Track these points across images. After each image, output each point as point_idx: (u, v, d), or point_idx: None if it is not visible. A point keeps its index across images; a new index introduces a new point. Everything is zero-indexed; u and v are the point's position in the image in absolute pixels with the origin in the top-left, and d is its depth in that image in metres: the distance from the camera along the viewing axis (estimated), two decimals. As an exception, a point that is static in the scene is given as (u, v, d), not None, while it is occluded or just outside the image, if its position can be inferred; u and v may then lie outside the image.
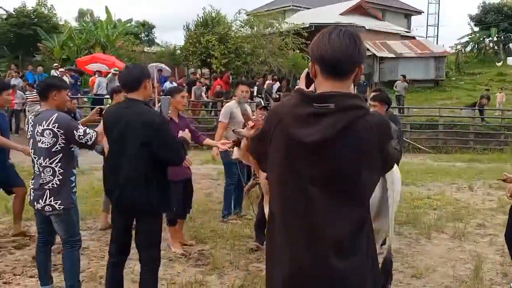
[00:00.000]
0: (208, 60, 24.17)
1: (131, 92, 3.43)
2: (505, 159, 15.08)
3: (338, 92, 1.79)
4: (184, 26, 27.15)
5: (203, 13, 25.88)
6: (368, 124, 1.76)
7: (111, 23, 30.42)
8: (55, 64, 19.68)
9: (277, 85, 19.27)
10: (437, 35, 47.30)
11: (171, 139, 3.43)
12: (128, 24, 30.88)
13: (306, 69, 2.17)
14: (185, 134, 3.82)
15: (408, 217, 7.00)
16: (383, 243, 4.22)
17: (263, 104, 12.64)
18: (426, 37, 40.82)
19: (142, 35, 37.78)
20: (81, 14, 42.51)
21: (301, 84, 2.23)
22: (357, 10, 33.47)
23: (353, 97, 1.80)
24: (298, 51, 25.71)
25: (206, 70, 26.82)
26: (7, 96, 5.26)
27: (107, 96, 14.70)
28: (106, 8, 32.40)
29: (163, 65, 18.34)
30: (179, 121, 5.22)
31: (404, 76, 22.17)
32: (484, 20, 37.92)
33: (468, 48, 39.56)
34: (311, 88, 2.04)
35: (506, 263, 5.11)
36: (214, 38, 23.83)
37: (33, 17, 26.58)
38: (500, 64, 33.66)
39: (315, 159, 1.76)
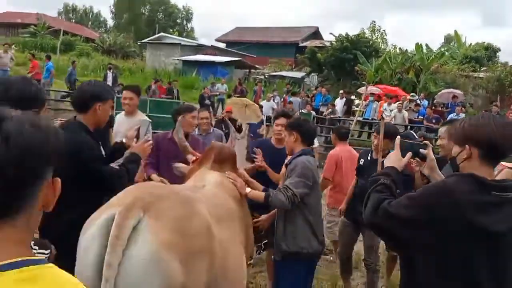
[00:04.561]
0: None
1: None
2: None
3: None
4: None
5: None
6: None
7: (461, 47, 29.09)
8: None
9: None
10: None
11: None
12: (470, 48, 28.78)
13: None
14: None
15: None
16: None
17: None
18: None
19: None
20: (448, 39, 41.95)
21: (396, 152, 2.26)
22: None
23: None
24: None
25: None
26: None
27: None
28: (455, 32, 31.02)
29: (457, 91, 16.37)
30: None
31: None
32: None
33: None
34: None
35: None
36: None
37: (356, 42, 27.80)
38: None
39: (496, 249, 1.82)
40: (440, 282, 1.90)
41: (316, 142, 6.71)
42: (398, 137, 2.39)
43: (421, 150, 2.37)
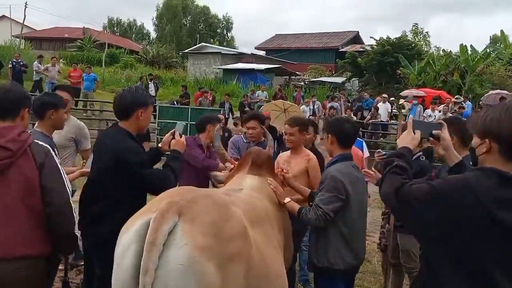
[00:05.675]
0: None
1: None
2: None
3: None
4: None
5: None
6: None
7: (507, 47, 28.04)
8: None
9: None
10: None
11: None
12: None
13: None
14: None
15: None
16: None
17: None
18: None
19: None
20: (494, 39, 40.35)
21: (409, 131, 2.26)
22: None
23: None
24: None
25: None
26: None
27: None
28: (502, 32, 29.69)
29: (505, 92, 15.74)
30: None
31: None
32: None
33: None
34: None
35: None
36: None
37: (398, 45, 27.24)
38: None
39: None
40: (451, 276, 1.84)
41: (366, 152, 6.64)
42: (411, 116, 2.36)
43: (434, 132, 2.33)
